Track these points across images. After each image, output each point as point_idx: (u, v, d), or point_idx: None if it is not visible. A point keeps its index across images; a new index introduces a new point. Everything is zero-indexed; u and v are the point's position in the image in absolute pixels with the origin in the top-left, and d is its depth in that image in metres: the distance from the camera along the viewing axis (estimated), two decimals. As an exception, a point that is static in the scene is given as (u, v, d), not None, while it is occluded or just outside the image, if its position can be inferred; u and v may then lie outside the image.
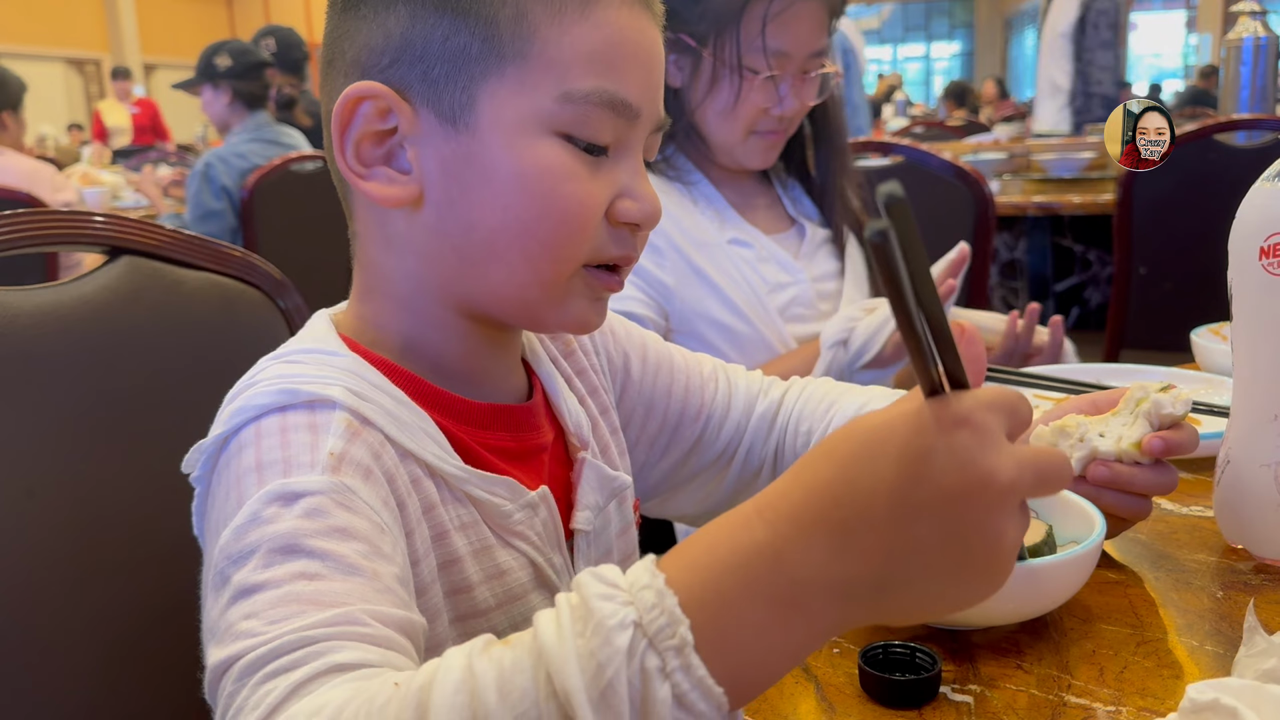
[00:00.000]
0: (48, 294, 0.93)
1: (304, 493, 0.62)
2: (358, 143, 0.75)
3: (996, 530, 0.50)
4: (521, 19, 0.73)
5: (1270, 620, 0.77)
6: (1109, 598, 0.81)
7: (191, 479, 0.73)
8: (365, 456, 0.67)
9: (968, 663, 0.72)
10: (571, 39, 0.73)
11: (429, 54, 0.73)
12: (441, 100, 0.74)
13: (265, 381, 0.71)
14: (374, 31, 0.75)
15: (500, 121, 0.73)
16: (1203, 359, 1.42)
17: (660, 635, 0.48)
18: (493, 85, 0.73)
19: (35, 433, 0.89)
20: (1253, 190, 0.85)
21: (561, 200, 0.73)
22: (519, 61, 0.73)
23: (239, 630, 0.56)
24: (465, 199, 0.74)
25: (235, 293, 1.05)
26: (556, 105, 0.73)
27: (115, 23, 17.08)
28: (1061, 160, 3.81)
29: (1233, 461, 0.87)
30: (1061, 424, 0.87)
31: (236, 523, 0.61)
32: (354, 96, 0.74)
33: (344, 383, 0.71)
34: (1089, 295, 3.54)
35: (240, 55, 3.93)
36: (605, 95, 0.73)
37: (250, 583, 0.58)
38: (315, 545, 0.59)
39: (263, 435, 0.67)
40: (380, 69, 0.75)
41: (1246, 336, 0.86)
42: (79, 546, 0.89)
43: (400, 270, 0.78)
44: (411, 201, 0.75)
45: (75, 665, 0.88)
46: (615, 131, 0.75)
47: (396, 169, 0.75)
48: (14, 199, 3.18)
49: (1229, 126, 2.62)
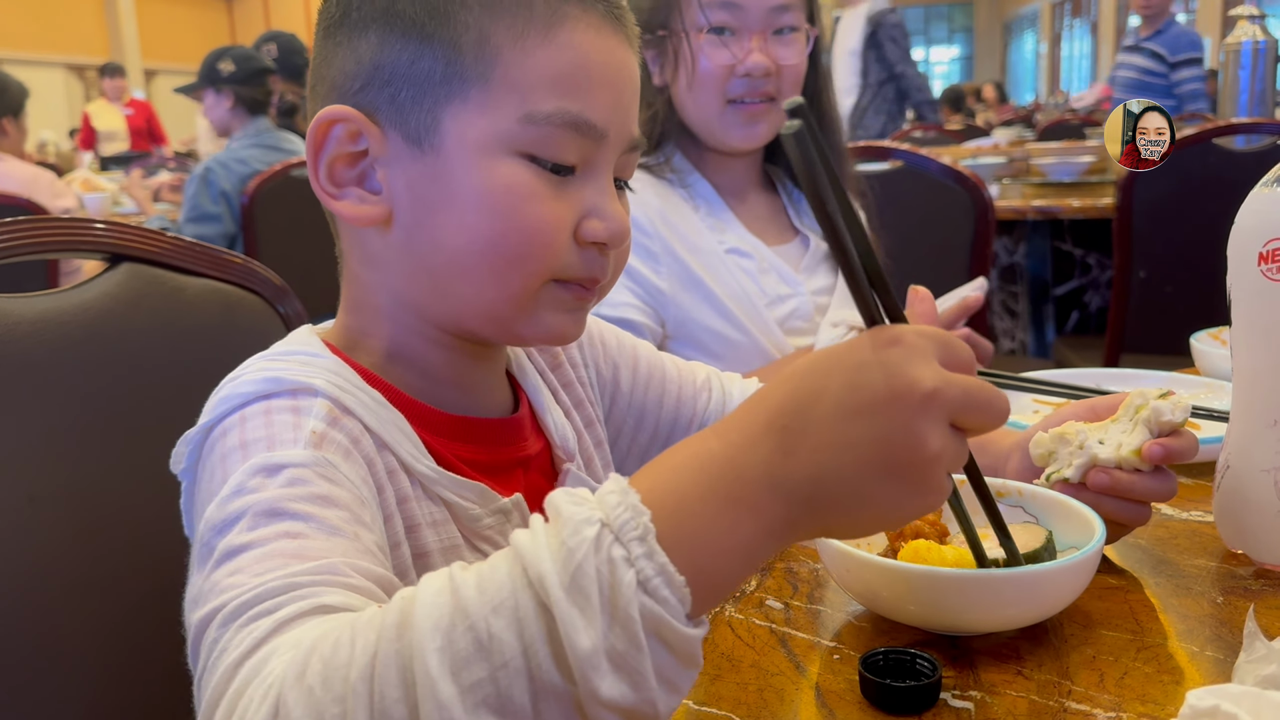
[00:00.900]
0: (48, 301, 0.93)
1: (287, 464, 0.64)
2: (330, 164, 0.77)
3: (919, 434, 0.55)
4: (484, 43, 0.74)
5: (1270, 626, 0.77)
6: (1109, 603, 0.81)
7: (179, 473, 0.75)
8: (345, 440, 0.70)
9: (968, 669, 0.72)
10: (534, 61, 0.74)
11: (396, 78, 0.75)
12: (408, 122, 0.76)
13: (249, 374, 0.73)
14: (348, 57, 0.77)
15: (464, 142, 0.75)
16: (1202, 363, 1.42)
17: (625, 528, 0.52)
18: (456, 107, 0.75)
19: (36, 439, 0.89)
20: (1251, 195, 0.85)
21: (524, 219, 0.74)
22: (481, 84, 0.74)
23: (223, 586, 0.58)
24: (431, 219, 0.76)
25: (235, 299, 1.05)
26: (519, 126, 0.74)
27: (116, 28, 17.09)
28: (1061, 164, 3.81)
29: (1232, 466, 0.87)
30: (1061, 431, 0.87)
31: (221, 494, 0.64)
32: (326, 120, 0.76)
33: (326, 377, 0.73)
34: (1089, 299, 3.54)
35: (243, 61, 3.94)
36: (568, 117, 0.75)
37: (235, 545, 0.60)
38: (298, 509, 0.61)
39: (247, 419, 0.69)
40: (352, 93, 0.77)
41: (1246, 341, 0.86)
42: (80, 553, 0.90)
43: (380, 285, 0.80)
44: (381, 221, 0.77)
45: (76, 672, 0.88)
46: (581, 152, 0.76)
47: (368, 190, 0.78)
48: (14, 205, 3.18)
49: (1228, 130, 2.62)
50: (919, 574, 0.74)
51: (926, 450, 0.55)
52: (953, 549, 0.78)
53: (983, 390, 0.58)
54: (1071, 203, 3.13)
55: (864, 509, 0.56)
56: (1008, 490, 0.88)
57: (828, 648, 0.76)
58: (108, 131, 10.39)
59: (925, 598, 0.74)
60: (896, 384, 0.55)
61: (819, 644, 0.77)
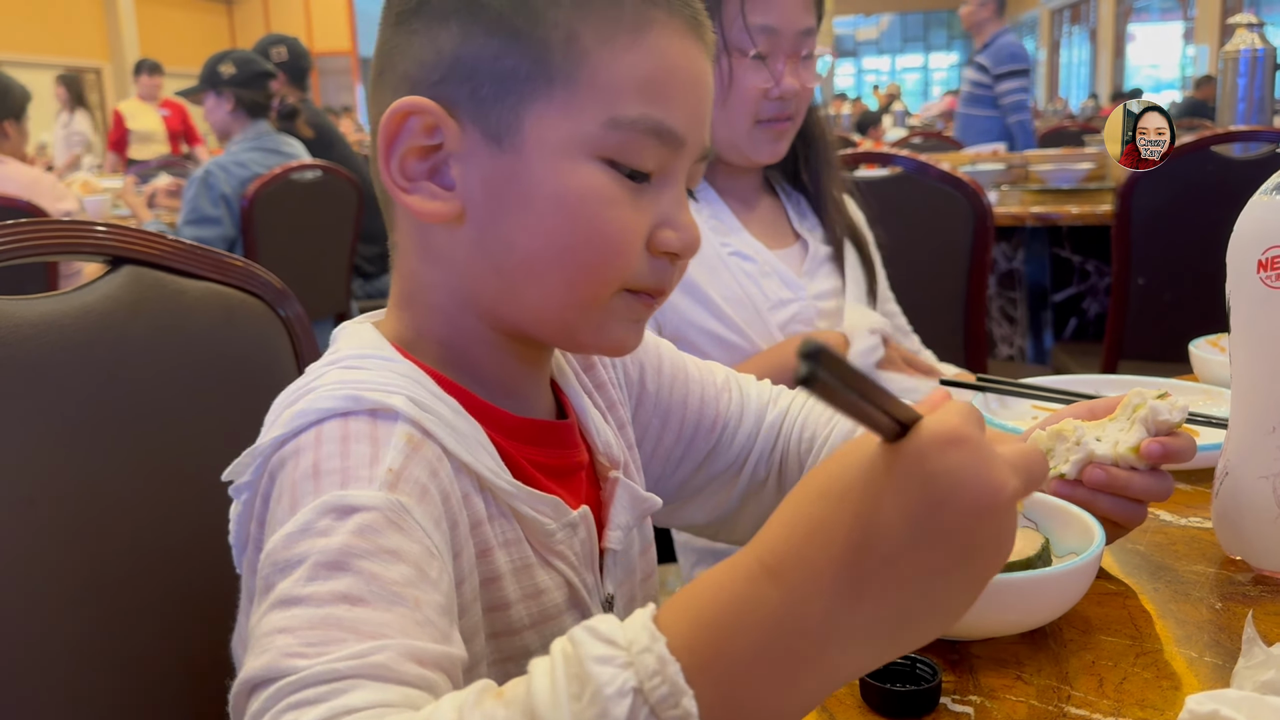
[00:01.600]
0: (49, 303, 0.93)
1: (359, 507, 0.61)
2: (403, 157, 0.75)
3: (1009, 533, 0.51)
4: (573, 42, 0.72)
5: (1269, 632, 0.77)
6: (1108, 609, 0.81)
7: (234, 486, 0.73)
8: (423, 474, 0.66)
9: (968, 674, 0.73)
10: (622, 65, 0.73)
11: (478, 72, 0.73)
12: (488, 119, 0.74)
13: (327, 387, 0.70)
14: (425, 47, 0.75)
15: (545, 143, 0.73)
16: (1201, 370, 1.42)
17: (662, 705, 0.47)
18: (540, 107, 0.73)
19: (37, 442, 0.89)
20: (1251, 203, 0.85)
21: (602, 226, 0.73)
22: (567, 85, 0.72)
23: (273, 645, 0.56)
24: (506, 218, 0.74)
25: (236, 302, 1.05)
26: (602, 130, 0.72)
27: (115, 31, 17.10)
28: (1060, 171, 3.81)
29: (1231, 473, 0.87)
30: (1058, 428, 0.87)
31: (288, 530, 0.61)
32: (402, 111, 0.74)
33: (406, 391, 0.70)
34: (1087, 305, 3.54)
35: (244, 64, 3.94)
36: (652, 123, 0.73)
37: (292, 594, 0.57)
38: (363, 566, 0.58)
39: (323, 440, 0.66)
40: (429, 84, 0.74)
41: (1245, 348, 0.87)
42: (81, 556, 0.90)
43: (439, 282, 0.78)
44: (453, 218, 0.75)
45: (76, 674, 0.88)
46: (659, 159, 0.75)
47: (440, 184, 0.75)
48: (14, 208, 3.18)
49: (1227, 138, 2.63)
50: (919, 579, 0.74)
51: (1007, 545, 0.51)
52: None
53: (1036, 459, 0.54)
54: (1070, 209, 3.13)
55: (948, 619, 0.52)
56: (1007, 496, 0.88)
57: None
58: (144, 132, 9.50)
59: (925, 603, 0.74)
60: (984, 494, 0.49)
61: (819, 648, 0.77)
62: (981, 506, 0.49)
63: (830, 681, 0.50)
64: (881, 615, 0.49)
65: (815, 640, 0.49)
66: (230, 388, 1.04)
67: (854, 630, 0.49)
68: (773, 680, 0.49)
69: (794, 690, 0.49)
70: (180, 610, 0.96)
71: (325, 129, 4.84)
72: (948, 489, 0.49)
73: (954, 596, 0.51)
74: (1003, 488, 0.49)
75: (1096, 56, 18.47)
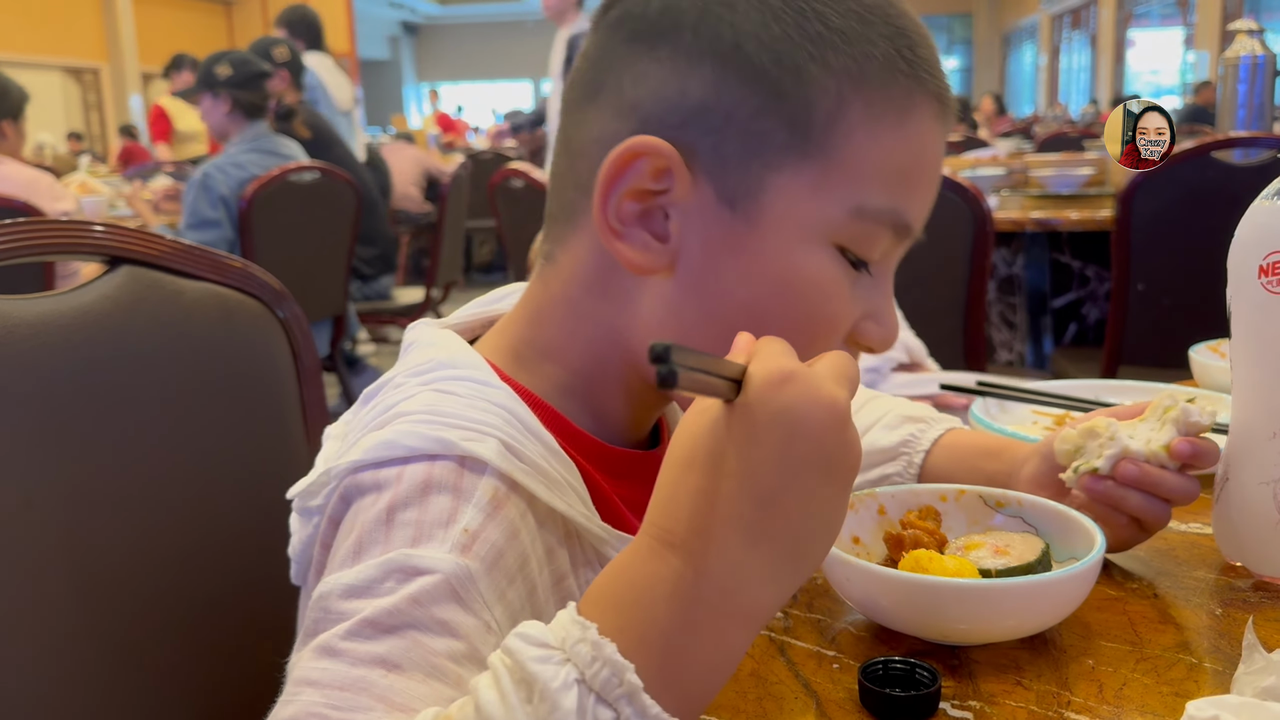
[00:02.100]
0: (47, 303, 0.93)
1: (425, 571, 0.59)
2: (621, 196, 0.70)
3: (855, 438, 0.55)
4: (839, 115, 0.68)
5: (1269, 638, 0.77)
6: (1108, 614, 0.81)
7: (306, 508, 0.71)
8: (500, 537, 0.64)
9: (967, 679, 0.72)
10: (882, 147, 0.69)
11: (728, 128, 0.68)
12: (727, 179, 0.68)
13: (418, 416, 0.67)
14: (669, 82, 0.69)
15: (783, 219, 0.68)
16: (1201, 376, 1.42)
17: (607, 686, 0.49)
18: (786, 179, 0.68)
19: (33, 442, 0.88)
20: (1252, 208, 0.85)
21: (818, 314, 0.69)
22: (822, 160, 0.68)
23: (300, 697, 0.55)
24: (716, 284, 0.70)
25: (235, 303, 1.05)
26: (846, 217, 0.68)
27: (114, 32, 17.10)
28: (1060, 176, 3.82)
29: (1231, 479, 0.87)
30: (1090, 425, 0.87)
31: (350, 581, 0.60)
32: (635, 150, 0.68)
33: (499, 430, 0.67)
34: (1087, 311, 3.54)
35: (241, 65, 3.94)
36: (894, 216, 0.70)
37: (333, 646, 0.57)
38: (410, 632, 0.57)
39: (404, 481, 0.64)
40: (668, 126, 0.69)
41: (1245, 354, 0.86)
42: (77, 557, 0.89)
43: (605, 318, 0.74)
44: (659, 271, 0.71)
45: (73, 677, 0.88)
46: (885, 250, 0.71)
47: (653, 232, 0.70)
48: (11, 208, 3.18)
49: (1227, 144, 2.63)
50: (919, 583, 0.74)
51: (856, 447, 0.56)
52: (953, 559, 0.78)
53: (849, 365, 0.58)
54: (1070, 215, 3.13)
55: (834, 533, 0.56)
56: (1007, 500, 0.88)
57: (827, 657, 0.76)
58: (188, 132, 8.75)
59: (925, 607, 0.74)
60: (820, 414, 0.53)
61: (819, 653, 0.77)
62: (826, 425, 0.53)
63: (754, 624, 0.54)
64: (779, 551, 0.53)
65: (729, 593, 0.52)
66: (228, 388, 1.04)
67: (760, 572, 0.53)
68: (702, 639, 0.52)
69: (724, 643, 0.53)
70: (177, 611, 0.96)
71: (323, 130, 4.85)
72: (793, 422, 0.53)
73: (831, 508, 0.55)
74: (836, 402, 0.54)
75: (1096, 62, 18.48)
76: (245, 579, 1.01)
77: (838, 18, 0.68)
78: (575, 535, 0.71)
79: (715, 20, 0.68)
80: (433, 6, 25.24)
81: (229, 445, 1.03)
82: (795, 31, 0.68)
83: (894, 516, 0.87)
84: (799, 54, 0.67)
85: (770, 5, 0.68)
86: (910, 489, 0.89)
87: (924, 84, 0.70)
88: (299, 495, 0.72)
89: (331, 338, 4.23)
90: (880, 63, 0.68)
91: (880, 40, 0.69)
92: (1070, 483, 0.87)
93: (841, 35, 0.68)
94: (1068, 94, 20.56)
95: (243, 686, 0.97)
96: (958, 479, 0.94)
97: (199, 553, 0.98)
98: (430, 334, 0.77)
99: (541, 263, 0.78)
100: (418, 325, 0.78)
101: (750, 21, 0.68)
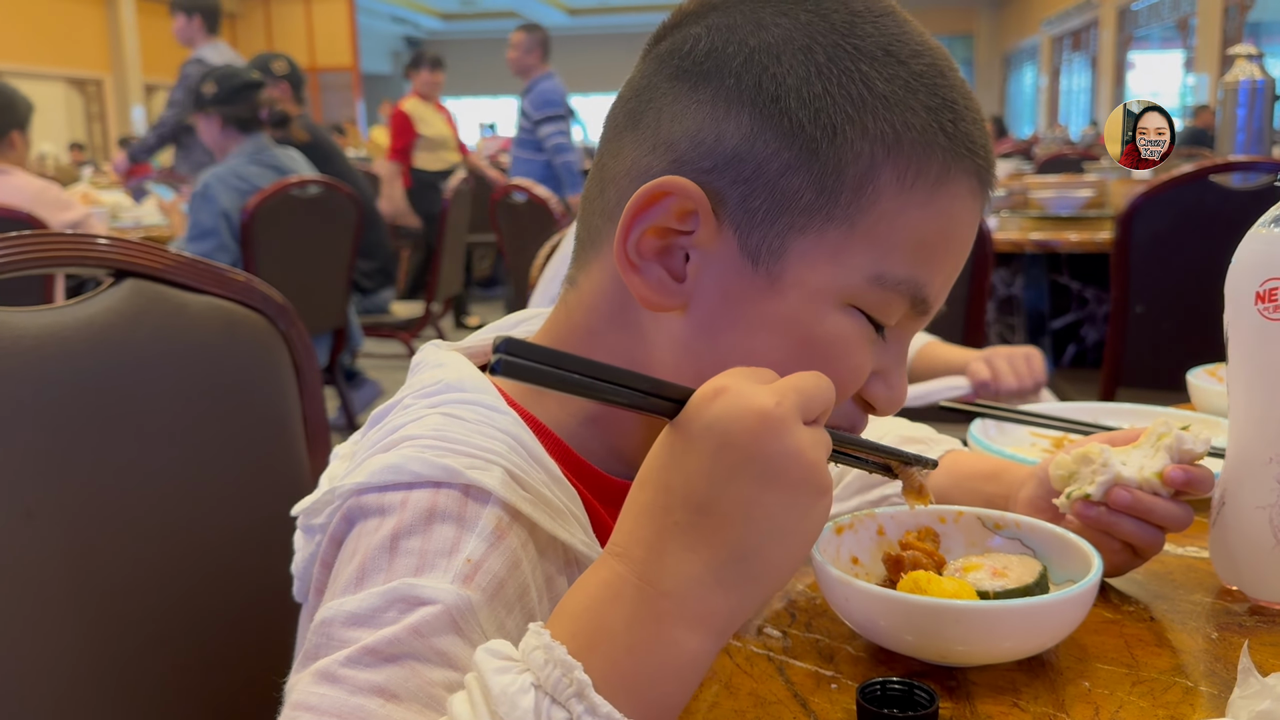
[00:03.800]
0: (50, 315, 0.93)
1: (426, 601, 0.60)
2: (644, 232, 0.70)
3: (796, 446, 0.55)
4: (868, 180, 0.67)
5: (1264, 662, 0.77)
6: (1105, 637, 0.81)
7: (311, 525, 0.71)
8: (502, 568, 0.64)
9: (965, 700, 0.73)
10: (908, 219, 0.68)
11: (757, 181, 0.68)
12: (751, 234, 0.68)
13: (424, 441, 0.67)
14: (706, 123, 0.69)
15: (803, 282, 0.68)
16: (1199, 400, 1.42)
17: (558, 687, 0.51)
18: (810, 242, 0.68)
19: (35, 454, 0.89)
20: (1249, 235, 0.85)
21: (831, 369, 0.65)
22: (845, 227, 0.67)
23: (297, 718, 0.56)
24: (732, 335, 0.70)
25: (238, 317, 1.05)
26: (864, 284, 0.68)
27: (118, 43, 17.15)
28: (1060, 198, 3.83)
29: (1228, 503, 0.88)
30: (1084, 451, 0.87)
31: (352, 609, 0.60)
32: (663, 189, 0.68)
33: (504, 458, 0.67)
34: (1085, 333, 3.54)
35: (225, 80, 3.94)
36: (913, 288, 0.69)
37: (332, 672, 0.57)
38: (409, 662, 0.58)
39: (409, 508, 0.64)
40: (698, 168, 0.69)
41: (1242, 379, 0.87)
42: (78, 568, 0.89)
43: (621, 349, 0.74)
44: (673, 310, 0.71)
45: (73, 687, 0.88)
46: (901, 318, 0.71)
47: (670, 270, 0.70)
48: (16, 219, 3.18)
49: (1226, 168, 2.64)
50: (918, 605, 0.74)
51: (805, 456, 0.55)
52: (951, 580, 0.78)
53: (807, 380, 0.58)
54: (1070, 236, 3.14)
55: (790, 543, 0.56)
56: (1005, 522, 0.88)
57: (826, 677, 0.76)
58: (435, 138, 7.42)
59: (924, 628, 0.75)
60: (749, 420, 0.55)
61: (817, 673, 0.77)
62: (754, 432, 0.54)
63: (710, 630, 0.55)
64: (721, 557, 0.54)
65: (672, 597, 0.54)
66: (230, 401, 1.04)
67: (702, 577, 0.54)
68: (652, 643, 0.53)
69: (676, 646, 0.54)
70: (176, 621, 0.96)
71: (323, 143, 4.85)
72: (722, 431, 0.55)
73: (782, 518, 0.55)
74: (766, 408, 0.55)
75: (1097, 84, 18.54)
76: (245, 592, 1.01)
77: (883, 82, 0.67)
78: (575, 563, 0.71)
79: (759, 69, 0.68)
80: (436, 22, 25.32)
81: (230, 458, 1.03)
82: (837, 91, 0.67)
83: (893, 537, 0.87)
84: (837, 114, 0.67)
85: (816, 61, 0.68)
86: (909, 510, 0.90)
87: (962, 159, 0.69)
88: (303, 513, 0.72)
89: (331, 350, 4.24)
90: (918, 133, 0.68)
91: (922, 110, 0.68)
92: (1063, 508, 0.87)
93: (883, 100, 0.67)
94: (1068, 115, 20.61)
95: (241, 700, 0.97)
96: (956, 500, 0.95)
97: (199, 564, 0.98)
98: (438, 355, 0.77)
99: (566, 286, 0.78)
100: (427, 346, 0.79)
101: (794, 75, 0.68)
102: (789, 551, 0.56)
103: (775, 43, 0.69)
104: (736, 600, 0.55)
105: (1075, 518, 0.86)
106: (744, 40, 0.69)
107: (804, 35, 0.68)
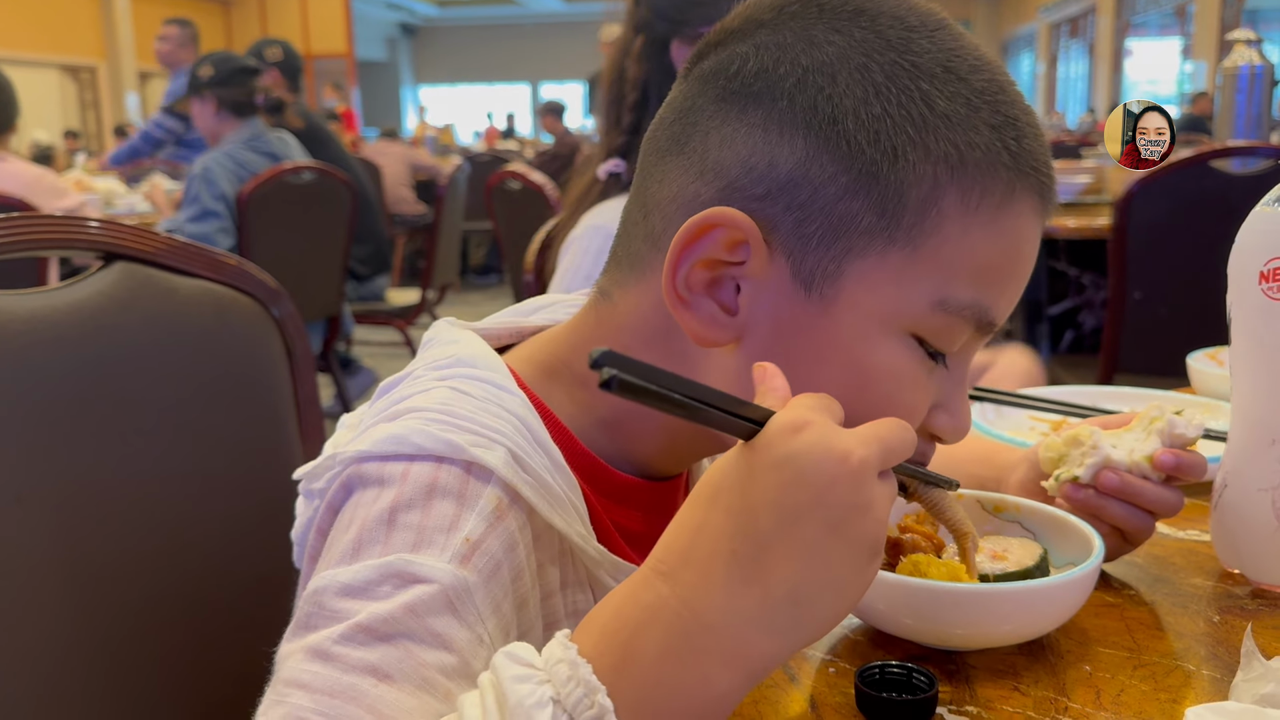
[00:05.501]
0: (41, 299, 0.92)
1: (423, 580, 0.59)
2: (694, 266, 0.67)
3: (868, 500, 0.53)
4: (932, 203, 0.65)
5: (1267, 645, 0.77)
6: (1106, 620, 0.81)
7: (311, 489, 0.70)
8: (499, 549, 0.63)
9: (965, 684, 0.72)
10: (973, 241, 0.66)
11: (813, 206, 0.65)
12: (805, 260, 0.66)
13: (429, 414, 0.66)
14: (758, 149, 0.66)
15: (861, 307, 0.66)
16: (1199, 383, 1.41)
17: (578, 707, 0.49)
18: (869, 265, 0.65)
19: (25, 439, 0.88)
20: (1252, 214, 0.85)
21: (888, 405, 0.64)
22: (909, 248, 0.65)
23: (289, 699, 0.55)
24: (785, 364, 0.63)
25: (229, 300, 1.05)
26: (928, 310, 0.65)
27: (111, 30, 17.10)
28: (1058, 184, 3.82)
29: (1230, 486, 0.87)
30: (1074, 433, 0.87)
31: (346, 580, 0.59)
32: (712, 222, 0.66)
33: (508, 438, 0.66)
34: (1084, 319, 3.54)
35: (221, 63, 3.94)
36: (979, 311, 0.67)
37: (325, 649, 0.56)
38: (404, 642, 0.57)
39: (409, 481, 0.63)
40: (750, 195, 0.66)
41: (1245, 360, 0.86)
42: (69, 553, 0.89)
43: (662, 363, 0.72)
44: (724, 344, 0.68)
45: (65, 672, 0.88)
46: (964, 343, 0.69)
47: (721, 304, 0.68)
48: (8, 204, 3.17)
49: (1225, 153, 2.63)
50: (917, 588, 0.73)
51: (875, 511, 0.53)
52: (950, 563, 0.78)
53: (892, 430, 0.56)
54: (1068, 223, 3.13)
55: (842, 596, 0.54)
56: (1006, 505, 0.87)
57: (824, 661, 0.76)
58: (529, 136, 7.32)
59: (923, 612, 0.74)
60: (831, 464, 0.52)
61: (815, 657, 0.76)
62: (830, 476, 0.52)
63: (746, 670, 0.52)
64: (773, 597, 0.52)
65: (715, 631, 0.51)
66: (221, 386, 1.03)
67: (750, 616, 0.52)
68: (684, 675, 0.51)
69: (708, 684, 0.51)
70: (169, 605, 0.96)
71: (318, 129, 4.84)
72: (798, 470, 0.52)
73: (841, 569, 0.53)
74: (847, 455, 0.52)
75: (1094, 71, 18.53)
76: (236, 577, 1.00)
77: (944, 101, 0.65)
78: (569, 554, 0.70)
79: (814, 90, 0.66)
80: (431, 8, 25.25)
81: (222, 442, 1.02)
82: (897, 111, 0.65)
83: (892, 520, 0.86)
84: (899, 136, 0.64)
85: (874, 80, 0.65)
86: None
87: (1026, 178, 0.68)
88: (305, 477, 0.71)
89: (325, 338, 4.23)
90: (982, 152, 0.66)
91: (985, 129, 0.66)
92: (1051, 490, 0.86)
93: (946, 120, 0.65)
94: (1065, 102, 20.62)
95: (234, 682, 0.96)
96: None
97: (191, 549, 0.98)
98: (453, 332, 0.76)
99: (597, 295, 0.76)
100: (441, 322, 0.77)
101: (851, 96, 0.65)
102: (837, 605, 0.54)
103: (829, 61, 0.66)
104: (779, 645, 0.53)
105: (1063, 500, 0.86)
106: (796, 59, 0.67)
107: (859, 53, 0.66)
